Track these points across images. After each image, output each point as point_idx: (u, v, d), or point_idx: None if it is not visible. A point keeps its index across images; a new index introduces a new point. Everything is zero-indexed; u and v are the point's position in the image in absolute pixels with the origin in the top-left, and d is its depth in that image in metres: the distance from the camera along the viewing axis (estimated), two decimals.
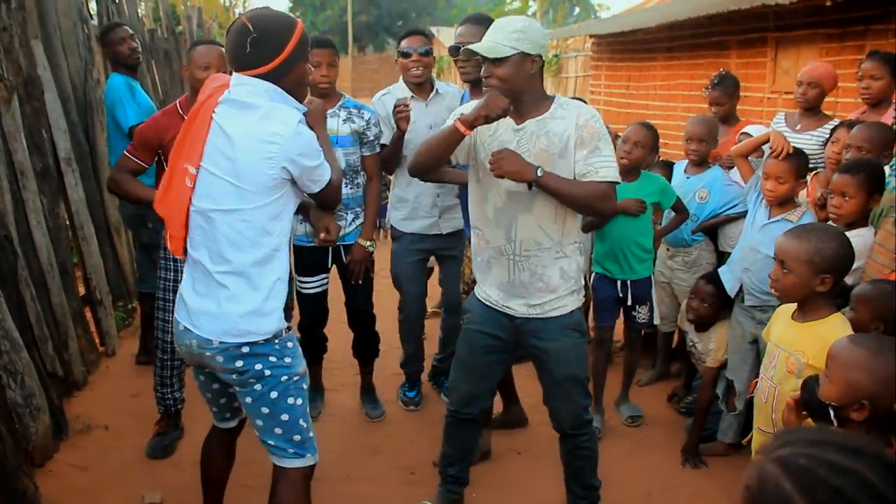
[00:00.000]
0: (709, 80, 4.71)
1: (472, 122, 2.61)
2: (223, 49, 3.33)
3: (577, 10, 51.83)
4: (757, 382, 2.73)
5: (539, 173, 2.62)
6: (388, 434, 4.09)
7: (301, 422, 2.53)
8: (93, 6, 5.95)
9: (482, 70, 2.72)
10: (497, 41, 2.63)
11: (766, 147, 3.57)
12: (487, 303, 2.96)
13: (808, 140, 4.12)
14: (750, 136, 4.02)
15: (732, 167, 4.36)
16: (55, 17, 4.75)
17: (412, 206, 4.05)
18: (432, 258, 4.32)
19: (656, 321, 4.13)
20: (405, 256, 4.13)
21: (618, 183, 2.72)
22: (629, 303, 4.00)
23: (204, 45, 3.55)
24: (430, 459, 3.75)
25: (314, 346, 4.10)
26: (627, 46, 10.99)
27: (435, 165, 2.86)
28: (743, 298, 3.56)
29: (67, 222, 4.74)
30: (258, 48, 2.38)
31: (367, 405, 4.29)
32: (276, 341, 2.46)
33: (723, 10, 7.72)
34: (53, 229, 4.29)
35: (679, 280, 4.32)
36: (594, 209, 2.76)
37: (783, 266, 2.56)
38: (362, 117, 3.80)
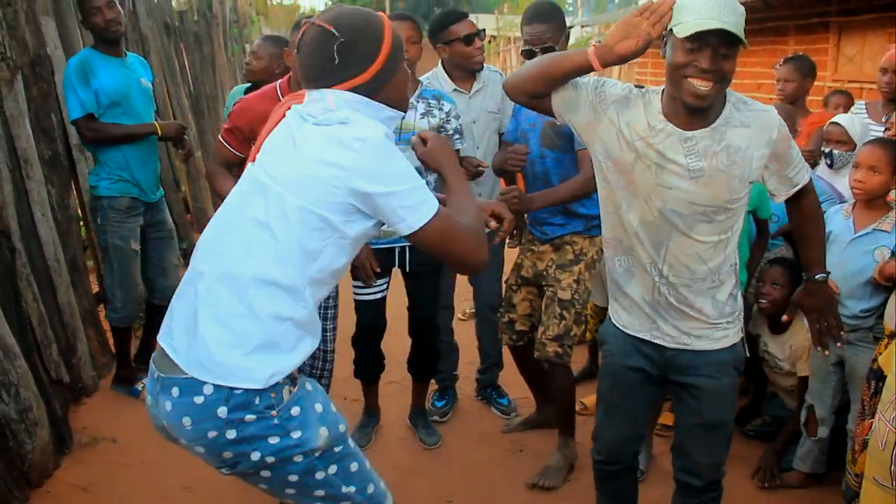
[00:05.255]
0: (771, 66, 4.21)
1: (607, 60, 2.06)
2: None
3: None
4: (872, 424, 2.30)
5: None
6: (425, 454, 3.68)
7: (345, 489, 1.94)
8: None
9: (706, 62, 1.99)
10: (739, 23, 1.97)
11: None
12: (629, 331, 2.42)
13: None
14: (839, 125, 3.55)
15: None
16: None
17: None
18: None
19: None
20: None
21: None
22: None
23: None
24: (470, 485, 3.38)
25: (371, 363, 3.63)
26: None
27: (540, 87, 2.22)
28: None
29: (80, 214, 4.40)
30: (350, 55, 1.85)
31: (420, 430, 3.79)
32: (274, 413, 1.80)
33: None
34: (62, 222, 3.95)
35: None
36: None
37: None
38: (442, 109, 3.33)
